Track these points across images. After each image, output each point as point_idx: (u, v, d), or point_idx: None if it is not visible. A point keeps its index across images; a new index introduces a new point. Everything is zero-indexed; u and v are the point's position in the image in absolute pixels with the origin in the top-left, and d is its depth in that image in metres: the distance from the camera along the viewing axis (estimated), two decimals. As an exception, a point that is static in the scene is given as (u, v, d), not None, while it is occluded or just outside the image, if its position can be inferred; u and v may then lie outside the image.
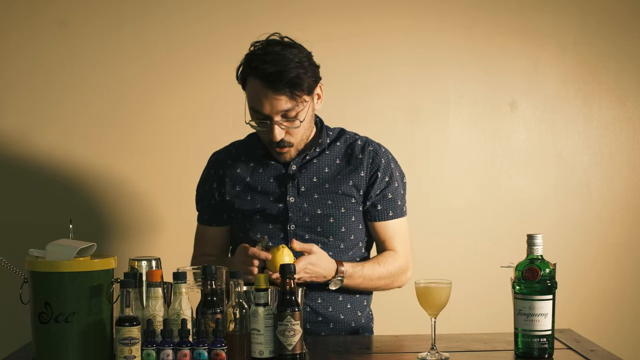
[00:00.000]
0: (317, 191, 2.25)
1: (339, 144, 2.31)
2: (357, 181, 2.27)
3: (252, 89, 2.16)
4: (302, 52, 2.16)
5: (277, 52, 2.12)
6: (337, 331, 2.26)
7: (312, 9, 3.01)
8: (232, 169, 2.32)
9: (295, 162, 2.26)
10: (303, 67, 2.13)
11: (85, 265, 1.75)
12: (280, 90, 2.10)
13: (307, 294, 2.21)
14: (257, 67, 2.11)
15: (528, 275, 1.86)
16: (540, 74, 3.10)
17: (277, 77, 2.09)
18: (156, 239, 3.03)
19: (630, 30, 3.11)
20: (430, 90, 3.07)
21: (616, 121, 3.12)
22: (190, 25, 3.00)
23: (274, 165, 2.28)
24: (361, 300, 2.31)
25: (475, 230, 3.08)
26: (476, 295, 3.04)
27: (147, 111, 3.00)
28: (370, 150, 2.29)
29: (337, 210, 2.24)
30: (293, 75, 2.10)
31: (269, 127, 2.16)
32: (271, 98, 2.11)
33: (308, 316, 2.22)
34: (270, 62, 2.10)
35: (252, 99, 2.16)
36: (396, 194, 2.30)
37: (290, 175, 2.25)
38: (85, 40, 2.98)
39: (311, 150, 2.27)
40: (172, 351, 1.73)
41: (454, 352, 1.93)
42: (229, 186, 2.30)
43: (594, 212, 3.12)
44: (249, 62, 2.15)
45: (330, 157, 2.29)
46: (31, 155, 2.98)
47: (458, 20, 3.06)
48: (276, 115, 2.14)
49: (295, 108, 2.14)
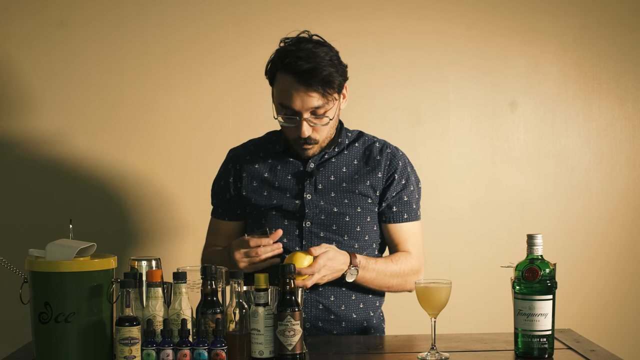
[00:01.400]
0: (334, 190, 2.26)
1: (357, 145, 2.33)
2: (374, 182, 2.27)
3: (283, 84, 2.16)
4: (332, 50, 2.19)
5: (310, 50, 2.14)
6: (349, 330, 2.26)
7: (312, 9, 3.01)
8: (250, 164, 2.33)
9: (314, 160, 2.28)
10: (334, 66, 2.15)
11: (85, 265, 1.75)
12: (313, 87, 2.12)
13: (320, 291, 2.21)
14: (291, 64, 2.12)
15: (528, 275, 1.86)
16: (540, 74, 3.10)
17: (311, 74, 2.11)
18: (156, 239, 3.03)
19: (630, 30, 3.11)
20: (430, 90, 3.07)
21: (616, 121, 3.12)
22: (190, 25, 3.00)
23: (293, 162, 2.29)
24: (374, 301, 2.31)
25: (476, 230, 3.08)
26: (476, 295, 3.04)
27: (147, 111, 3.00)
28: (388, 152, 2.31)
29: (353, 210, 2.25)
30: (326, 73, 2.12)
31: (297, 123, 2.17)
32: (303, 94, 2.13)
33: (320, 314, 2.22)
34: (305, 59, 2.11)
35: (283, 95, 2.17)
36: (411, 197, 2.31)
37: (308, 172, 2.27)
38: (85, 40, 2.98)
39: (330, 149, 2.28)
40: (172, 351, 1.73)
41: (454, 352, 1.93)
42: (246, 181, 2.31)
43: (594, 212, 3.12)
44: (283, 57, 2.15)
45: (349, 157, 2.30)
46: (31, 155, 2.98)
47: (458, 21, 3.06)
48: (306, 112, 2.15)
49: (325, 106, 2.16)
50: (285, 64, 2.14)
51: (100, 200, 3.00)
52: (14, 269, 1.83)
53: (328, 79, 2.13)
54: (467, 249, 3.08)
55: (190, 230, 3.00)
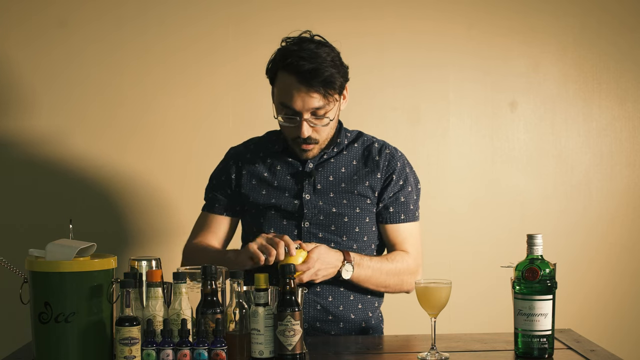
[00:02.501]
0: (333, 190, 2.26)
1: (356, 145, 2.33)
2: (373, 182, 2.27)
3: (284, 84, 2.16)
4: (334, 51, 2.19)
5: (312, 50, 2.14)
6: (347, 331, 2.26)
7: (312, 10, 3.01)
8: (250, 163, 2.33)
9: (313, 160, 2.28)
10: (336, 67, 2.16)
11: (85, 265, 1.75)
12: (315, 87, 2.12)
13: (318, 292, 2.21)
14: (293, 64, 2.12)
15: (528, 275, 1.86)
16: (540, 74, 3.10)
17: (313, 74, 2.11)
18: (156, 239, 3.03)
19: (630, 30, 3.11)
20: (430, 90, 3.07)
21: (616, 121, 3.12)
22: (190, 25, 3.00)
23: (292, 163, 2.29)
24: (372, 302, 2.30)
25: (476, 230, 3.08)
26: (476, 295, 3.04)
27: (147, 111, 3.00)
28: (387, 153, 2.31)
29: (352, 210, 2.25)
30: (328, 74, 2.12)
31: (297, 123, 2.17)
32: (304, 95, 2.13)
33: (318, 314, 2.22)
34: (307, 59, 2.12)
35: (283, 95, 2.16)
36: (409, 198, 2.31)
37: (307, 172, 2.27)
38: (85, 40, 2.98)
39: (329, 149, 2.28)
40: (172, 351, 1.73)
41: (454, 352, 1.93)
42: (245, 179, 2.31)
43: (594, 212, 3.12)
44: (284, 57, 2.15)
45: (348, 158, 2.30)
46: (31, 156, 2.98)
47: (458, 21, 3.06)
48: (306, 113, 2.15)
49: (326, 107, 2.16)
50: (287, 63, 2.13)
51: (100, 200, 3.00)
52: (14, 269, 1.83)
53: (329, 80, 2.13)
54: (467, 249, 3.08)
55: (190, 230, 3.00)
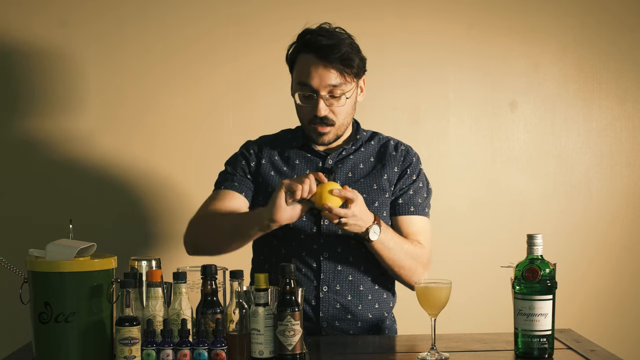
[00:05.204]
0: (353, 185, 2.26)
1: (373, 143, 2.36)
2: (390, 175, 2.30)
3: (302, 63, 2.21)
4: (352, 38, 2.25)
5: (331, 31, 2.22)
6: (364, 330, 2.25)
7: (312, 10, 3.00)
8: (269, 154, 2.34)
9: (332, 156, 2.30)
10: (354, 49, 2.22)
11: (85, 265, 1.75)
12: (332, 63, 2.17)
13: (338, 290, 2.21)
14: (311, 40, 2.19)
15: (528, 275, 1.86)
16: (540, 74, 3.10)
17: (330, 49, 2.17)
18: (156, 239, 3.03)
19: (630, 30, 3.11)
20: (430, 90, 3.07)
21: (616, 121, 3.12)
22: (190, 25, 3.00)
23: (311, 159, 2.31)
24: (387, 302, 2.30)
25: (476, 230, 3.08)
26: (476, 295, 3.04)
27: (147, 111, 3.00)
28: (402, 149, 2.36)
29: (371, 205, 2.25)
30: (345, 51, 2.18)
31: (314, 103, 2.20)
32: (321, 71, 2.17)
33: (337, 313, 2.22)
34: (325, 36, 2.19)
35: (301, 73, 2.21)
36: (419, 192, 2.32)
37: (327, 168, 2.29)
38: (85, 40, 2.98)
39: (348, 145, 2.31)
40: (172, 351, 1.73)
41: (454, 352, 1.93)
42: (265, 169, 2.32)
43: (594, 212, 3.12)
44: (303, 35, 2.22)
45: (365, 155, 2.33)
46: (30, 155, 2.98)
47: (458, 21, 3.06)
48: (323, 90, 2.18)
49: (343, 86, 2.19)
50: (306, 40, 2.21)
51: (100, 200, 2.99)
52: (14, 269, 1.83)
53: (347, 57, 2.18)
54: (467, 249, 3.08)
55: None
